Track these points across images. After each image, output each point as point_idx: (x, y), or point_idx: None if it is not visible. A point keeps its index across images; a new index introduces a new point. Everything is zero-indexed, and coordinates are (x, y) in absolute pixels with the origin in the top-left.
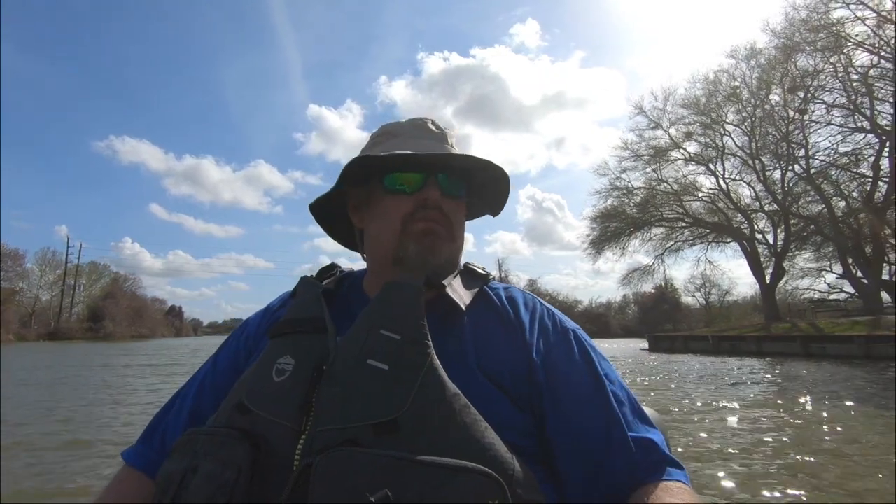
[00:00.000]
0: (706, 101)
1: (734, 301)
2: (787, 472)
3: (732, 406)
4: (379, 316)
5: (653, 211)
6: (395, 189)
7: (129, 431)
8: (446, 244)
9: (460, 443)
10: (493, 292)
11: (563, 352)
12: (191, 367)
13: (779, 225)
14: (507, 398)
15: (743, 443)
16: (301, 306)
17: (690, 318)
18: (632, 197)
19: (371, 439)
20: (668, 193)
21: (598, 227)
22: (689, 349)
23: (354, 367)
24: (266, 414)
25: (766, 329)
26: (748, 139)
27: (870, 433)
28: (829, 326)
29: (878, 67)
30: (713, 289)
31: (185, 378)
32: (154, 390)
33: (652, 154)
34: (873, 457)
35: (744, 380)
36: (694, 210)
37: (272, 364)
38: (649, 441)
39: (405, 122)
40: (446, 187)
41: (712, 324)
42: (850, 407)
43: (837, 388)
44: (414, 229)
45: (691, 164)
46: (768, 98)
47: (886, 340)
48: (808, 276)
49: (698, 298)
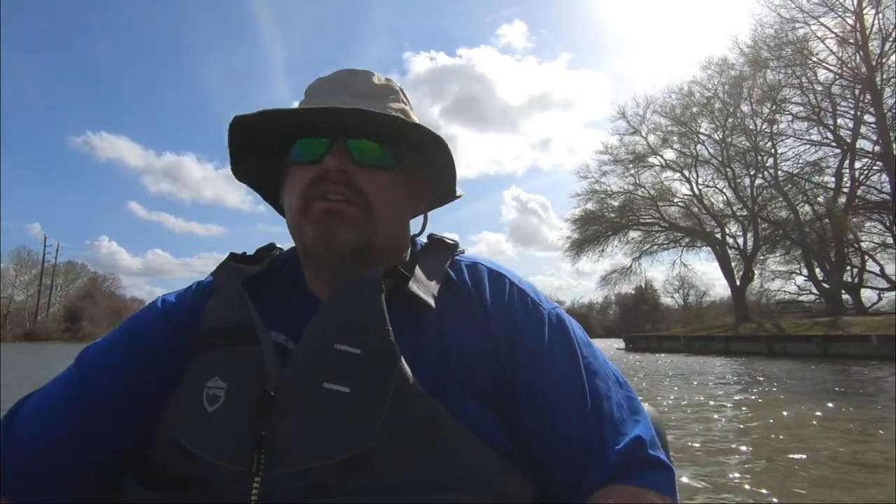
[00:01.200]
0: (681, 111)
1: (712, 301)
2: (745, 471)
3: (687, 400)
4: (331, 326)
5: (629, 216)
6: (300, 159)
7: None
8: (353, 227)
9: (443, 468)
10: (456, 272)
11: (535, 340)
12: None
13: (748, 230)
14: (482, 403)
15: (703, 440)
16: (222, 306)
17: (669, 318)
18: (611, 201)
19: (339, 480)
20: (646, 198)
21: (578, 230)
22: (662, 348)
23: (309, 393)
24: (205, 454)
25: (735, 329)
26: (720, 148)
27: (817, 428)
28: (792, 327)
29: (838, 84)
30: (691, 290)
31: None
32: None
33: (631, 159)
34: (821, 452)
35: (708, 377)
36: (670, 215)
37: (201, 388)
38: (633, 440)
39: (331, 74)
40: (361, 154)
41: (689, 324)
42: (796, 402)
43: (793, 384)
44: (313, 210)
45: (667, 171)
46: (739, 109)
47: (841, 340)
48: (780, 278)
49: (677, 299)
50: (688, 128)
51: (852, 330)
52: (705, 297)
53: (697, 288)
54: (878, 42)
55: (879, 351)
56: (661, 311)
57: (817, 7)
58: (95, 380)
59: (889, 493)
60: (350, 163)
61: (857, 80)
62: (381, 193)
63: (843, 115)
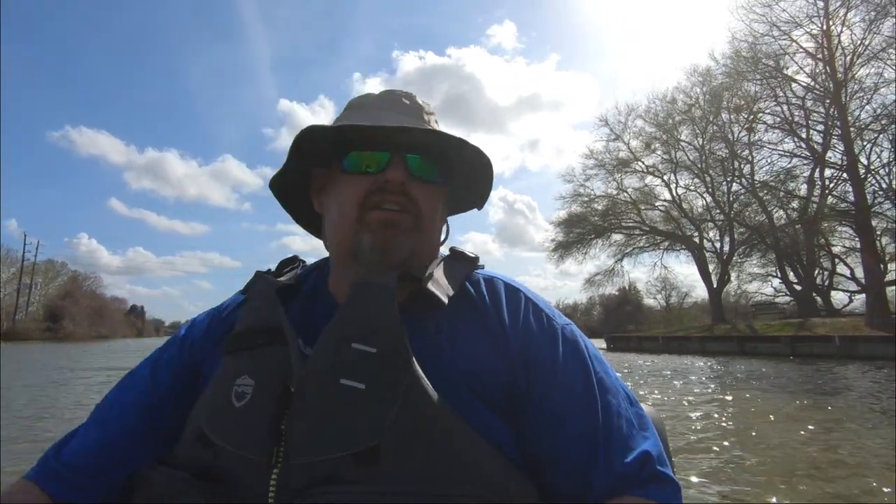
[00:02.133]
0: (663, 118)
1: (694, 303)
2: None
3: (662, 397)
4: (350, 327)
5: (612, 219)
6: (355, 169)
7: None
8: (409, 236)
9: (451, 465)
10: (474, 286)
11: (549, 354)
12: None
13: (725, 234)
14: (492, 410)
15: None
16: (255, 312)
17: (652, 318)
18: (594, 204)
19: (352, 471)
20: (627, 202)
21: (563, 232)
22: (642, 349)
23: (326, 389)
24: (230, 446)
25: (710, 330)
26: (700, 155)
27: (779, 421)
28: (763, 328)
29: (811, 97)
30: (673, 291)
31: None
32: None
33: (614, 164)
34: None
35: (684, 375)
36: (651, 218)
37: (231, 386)
38: (642, 455)
39: (378, 94)
40: (416, 169)
41: (671, 325)
42: (763, 396)
43: (756, 381)
44: (371, 218)
45: (649, 176)
46: (719, 117)
47: (807, 340)
48: (757, 280)
49: (659, 300)
50: (669, 134)
51: (818, 331)
52: (687, 298)
53: (679, 289)
54: (847, 58)
55: (841, 350)
56: (643, 312)
57: (788, 23)
58: (162, 371)
59: (852, 486)
60: (408, 175)
61: (826, 95)
62: (428, 205)
63: (813, 128)
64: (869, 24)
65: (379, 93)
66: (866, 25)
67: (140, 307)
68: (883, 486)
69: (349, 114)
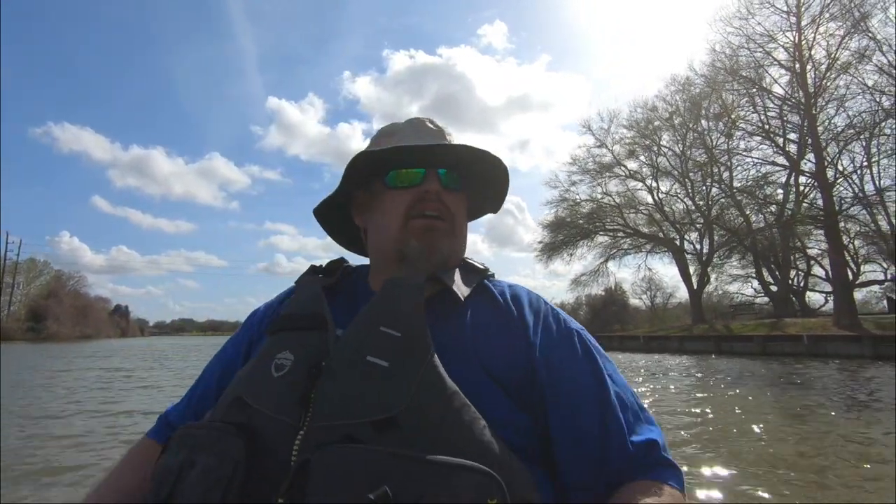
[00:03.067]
0: (645, 125)
1: (678, 303)
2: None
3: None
4: (379, 312)
5: (596, 222)
6: (397, 185)
7: None
8: (447, 239)
9: (459, 441)
10: (497, 289)
11: (566, 352)
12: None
13: (705, 237)
14: (507, 396)
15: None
16: (301, 301)
17: (638, 318)
18: (579, 208)
19: (369, 436)
20: (612, 206)
21: (549, 235)
22: (624, 348)
23: (354, 364)
24: (264, 409)
25: (689, 330)
26: (680, 160)
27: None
28: (739, 328)
29: (787, 106)
30: (658, 291)
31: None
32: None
33: (598, 169)
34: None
35: (661, 373)
36: (634, 221)
37: (271, 359)
38: (648, 442)
39: (403, 122)
40: (446, 181)
41: (655, 324)
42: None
43: (726, 378)
44: (415, 225)
45: (631, 181)
46: (698, 124)
47: (778, 340)
48: (737, 281)
49: (644, 301)
50: (651, 140)
51: (789, 331)
52: (671, 298)
53: (664, 289)
54: (822, 68)
55: (810, 349)
56: (629, 312)
57: (763, 36)
58: (229, 351)
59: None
60: (440, 186)
61: (799, 106)
62: (459, 211)
63: (789, 136)
64: (839, 40)
65: (405, 121)
66: (836, 41)
67: (124, 307)
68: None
69: (383, 141)
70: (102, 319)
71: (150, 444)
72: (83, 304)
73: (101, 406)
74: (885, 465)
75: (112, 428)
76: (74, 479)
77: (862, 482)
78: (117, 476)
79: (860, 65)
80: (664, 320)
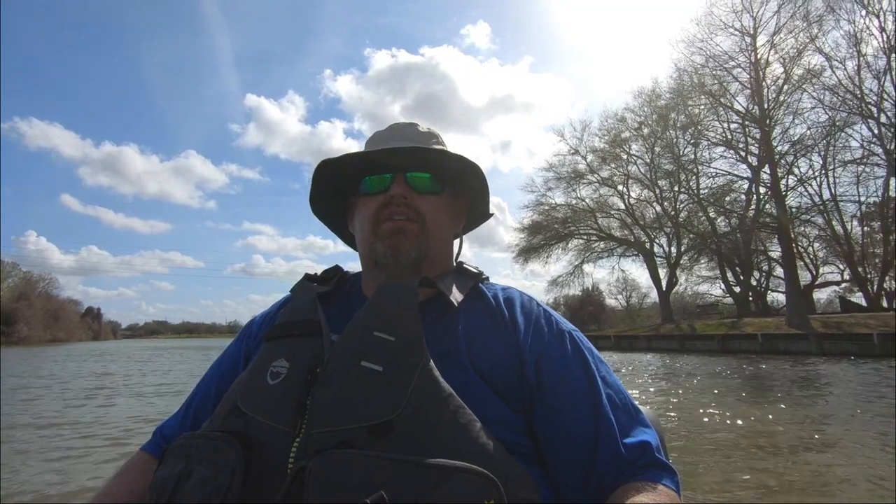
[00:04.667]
0: (615, 135)
1: (653, 303)
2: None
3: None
4: (373, 317)
5: (570, 227)
6: (368, 191)
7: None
8: (415, 241)
9: (456, 443)
10: (490, 292)
11: (558, 352)
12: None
13: (673, 240)
14: (501, 398)
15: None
16: (296, 309)
17: (614, 318)
18: (554, 213)
19: (366, 441)
20: (586, 211)
21: (525, 239)
22: (596, 346)
23: (348, 369)
24: (260, 417)
25: (657, 330)
26: (649, 168)
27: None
28: (702, 327)
29: (747, 120)
30: (633, 292)
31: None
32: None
33: (572, 175)
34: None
35: (631, 370)
36: (607, 226)
37: (267, 367)
38: (642, 444)
39: (386, 129)
40: (417, 184)
41: (629, 324)
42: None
43: (685, 374)
44: (383, 229)
45: (604, 187)
46: (665, 133)
47: (736, 338)
48: (707, 282)
49: (620, 301)
50: (621, 149)
51: (747, 330)
52: (646, 298)
53: (640, 290)
54: (777, 85)
55: (764, 347)
56: (606, 313)
57: (723, 56)
58: (226, 360)
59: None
60: (409, 190)
61: (755, 120)
62: (433, 213)
63: (750, 150)
64: (791, 59)
65: (388, 126)
66: (789, 60)
67: (97, 309)
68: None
69: (367, 148)
70: (74, 322)
71: (145, 457)
72: (54, 307)
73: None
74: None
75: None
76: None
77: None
78: (112, 489)
79: (814, 79)
80: (637, 320)
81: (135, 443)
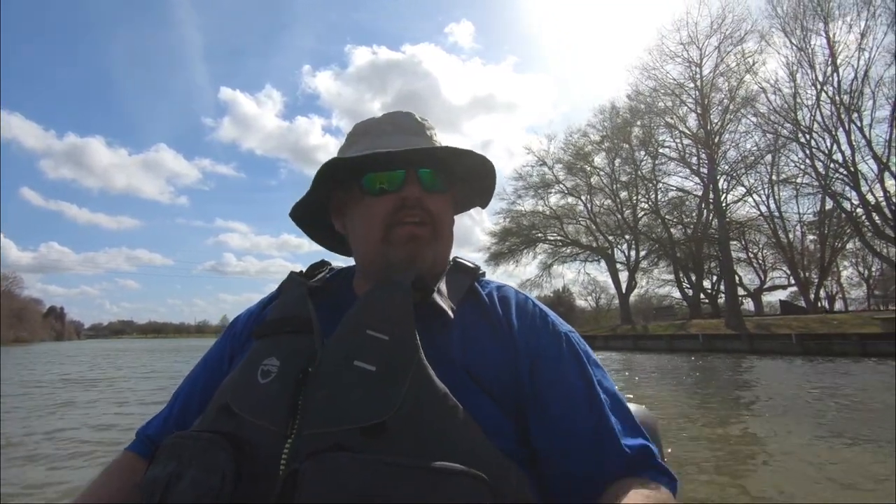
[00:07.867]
0: (577, 149)
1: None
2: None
3: None
4: (366, 315)
5: (537, 233)
6: (374, 190)
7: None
8: (431, 246)
9: (451, 445)
10: (485, 290)
11: (553, 355)
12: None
13: (633, 247)
14: (494, 402)
15: None
16: (286, 305)
17: (583, 319)
18: (523, 220)
19: (359, 443)
20: (552, 218)
21: (496, 244)
22: None
23: (341, 369)
24: (251, 417)
25: (615, 330)
26: (610, 179)
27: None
28: (654, 328)
29: (697, 141)
30: (602, 294)
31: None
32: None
33: (540, 184)
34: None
35: None
36: (574, 232)
37: (257, 365)
38: (642, 447)
39: (380, 118)
40: (428, 183)
41: (595, 325)
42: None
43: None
44: (396, 235)
45: (569, 196)
46: (624, 147)
47: (681, 338)
48: (666, 286)
49: (590, 302)
50: (584, 161)
51: (691, 330)
52: (614, 300)
53: (608, 292)
54: (721, 105)
55: (704, 346)
56: (576, 313)
57: (672, 83)
58: (211, 359)
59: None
60: (422, 190)
61: (703, 143)
62: (442, 214)
63: (701, 168)
64: (731, 88)
65: (381, 116)
66: (730, 88)
67: (59, 309)
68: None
69: (359, 139)
70: (37, 322)
71: (131, 457)
72: (19, 307)
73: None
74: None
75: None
76: None
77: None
78: (97, 488)
79: (752, 105)
80: (602, 321)
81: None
